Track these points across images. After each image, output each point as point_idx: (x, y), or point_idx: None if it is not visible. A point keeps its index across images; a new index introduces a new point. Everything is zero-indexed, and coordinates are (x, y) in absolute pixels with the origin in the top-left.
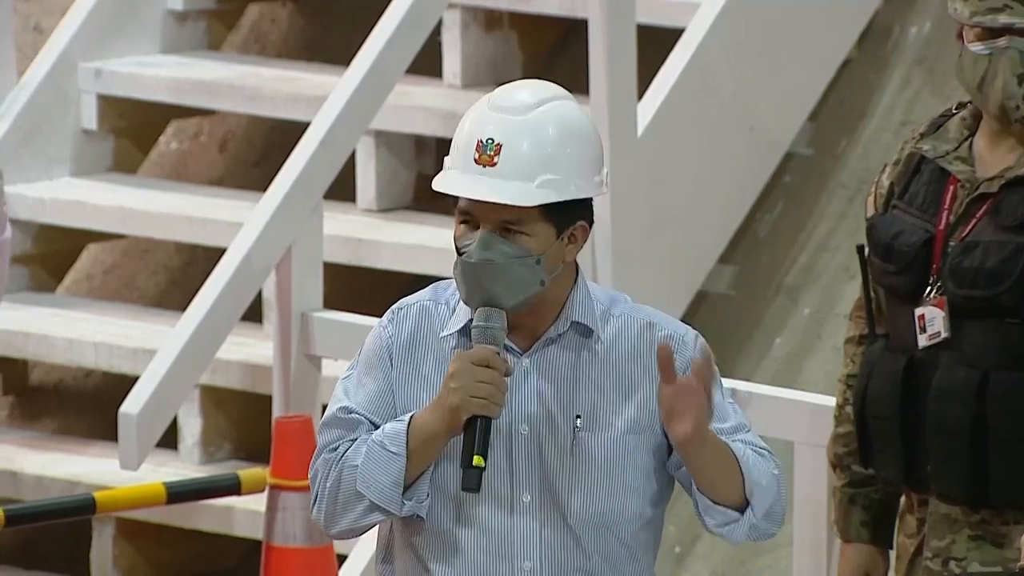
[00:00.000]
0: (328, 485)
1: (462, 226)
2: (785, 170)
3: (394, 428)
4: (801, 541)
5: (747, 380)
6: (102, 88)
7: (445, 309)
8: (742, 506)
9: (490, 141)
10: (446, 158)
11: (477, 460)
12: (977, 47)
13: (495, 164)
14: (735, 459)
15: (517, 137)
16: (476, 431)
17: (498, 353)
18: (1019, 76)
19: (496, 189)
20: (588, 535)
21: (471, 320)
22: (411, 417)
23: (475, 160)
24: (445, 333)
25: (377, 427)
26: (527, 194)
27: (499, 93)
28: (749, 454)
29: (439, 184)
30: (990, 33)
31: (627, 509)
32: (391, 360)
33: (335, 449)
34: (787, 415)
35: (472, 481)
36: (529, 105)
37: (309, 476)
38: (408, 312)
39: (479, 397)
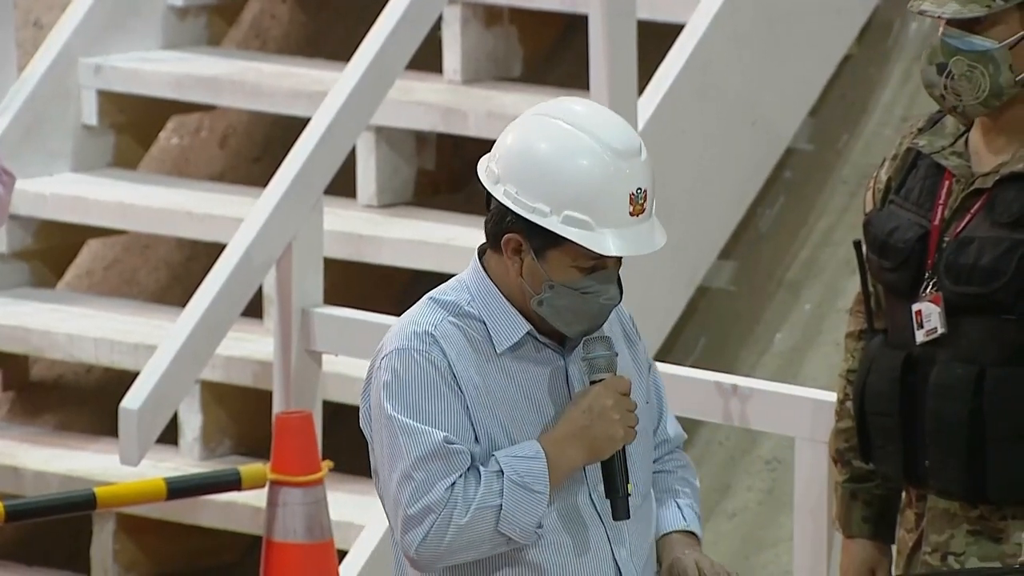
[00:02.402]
0: (461, 523)
1: (576, 269)
2: (786, 165)
3: (533, 466)
4: (802, 536)
5: (748, 375)
6: (102, 84)
7: (477, 324)
8: None
9: (640, 191)
10: (574, 213)
11: (631, 488)
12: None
13: (644, 211)
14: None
15: (650, 179)
16: (620, 459)
17: None
18: (938, 66)
19: (657, 235)
20: (646, 509)
21: (529, 333)
22: (544, 451)
23: (630, 213)
24: (501, 349)
25: (470, 454)
26: (660, 225)
27: (608, 137)
28: (694, 510)
29: (606, 248)
30: (942, 23)
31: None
32: (458, 382)
33: (451, 486)
34: (788, 410)
35: (624, 510)
36: (639, 141)
37: (411, 512)
38: (445, 332)
39: (632, 427)
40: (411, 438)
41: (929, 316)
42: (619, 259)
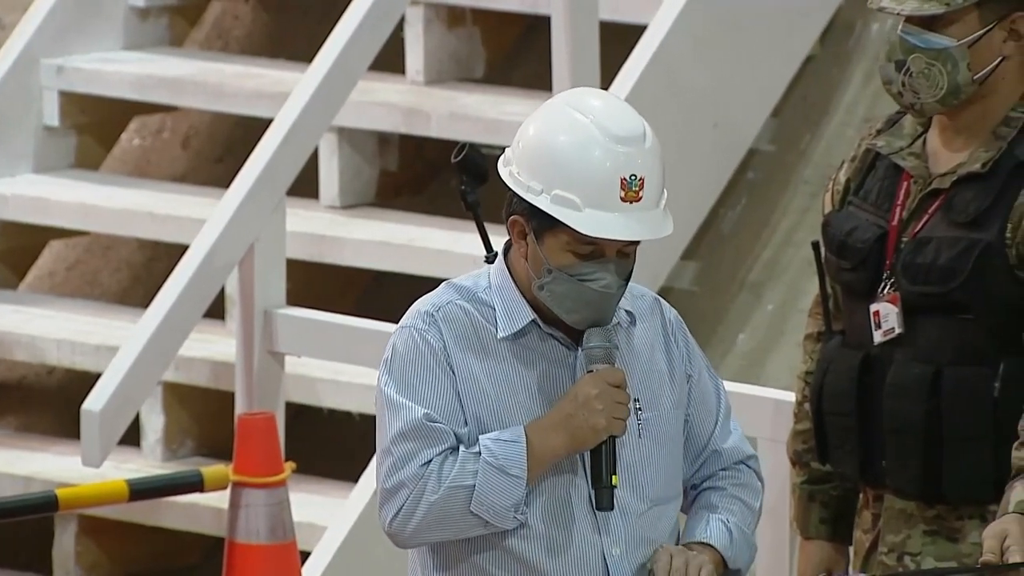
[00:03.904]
0: (432, 500)
1: (572, 254)
2: (748, 166)
3: (511, 449)
4: (763, 538)
5: None
6: (64, 84)
7: (486, 309)
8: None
9: (634, 177)
10: (563, 192)
11: (616, 480)
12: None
13: (640, 199)
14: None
15: (652, 168)
16: (607, 450)
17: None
18: (897, 63)
19: (654, 225)
20: (660, 514)
21: (534, 322)
22: (525, 436)
23: (621, 198)
24: (503, 335)
25: (455, 434)
26: (668, 221)
27: (609, 122)
28: (733, 533)
29: (593, 229)
30: (901, 20)
31: (680, 483)
32: (451, 364)
33: (427, 463)
34: (750, 411)
35: (608, 500)
36: (644, 130)
37: (387, 486)
38: (448, 314)
39: (620, 418)
40: (394, 413)
41: (887, 316)
42: (623, 249)
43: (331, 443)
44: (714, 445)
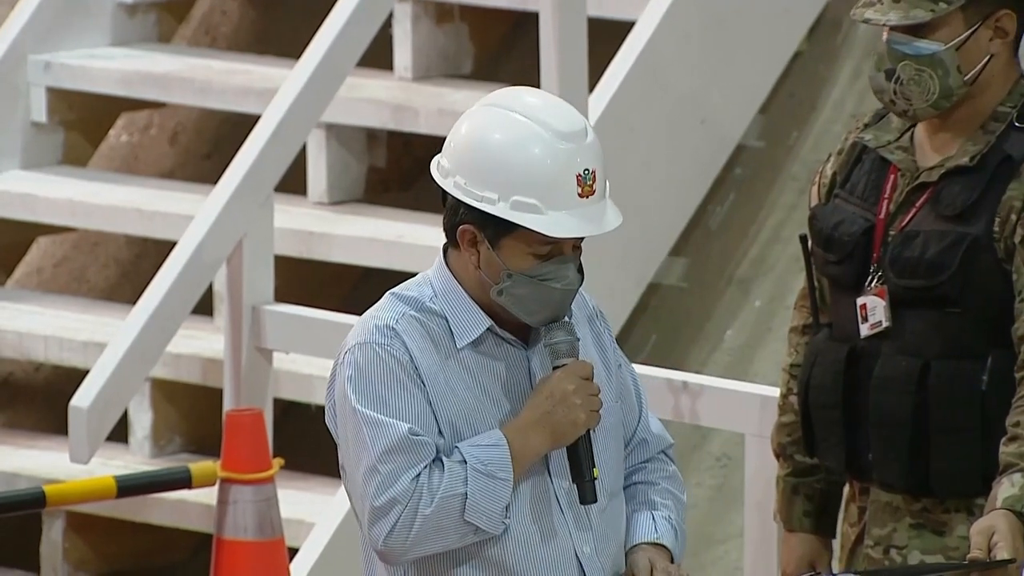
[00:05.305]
0: (427, 513)
1: (532, 256)
2: (736, 162)
3: (495, 453)
4: (751, 532)
5: (698, 372)
6: (52, 81)
7: (438, 319)
8: None
9: (587, 172)
10: (521, 198)
11: (596, 472)
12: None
13: (594, 191)
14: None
15: (598, 159)
16: (585, 443)
17: None
18: (887, 72)
19: (610, 216)
20: (616, 506)
21: (489, 329)
22: (506, 438)
23: (579, 194)
24: (462, 344)
25: (434, 445)
26: (615, 208)
27: (551, 120)
28: (677, 530)
29: (560, 231)
30: (887, 28)
31: (623, 476)
32: (420, 375)
33: (416, 477)
34: (738, 407)
35: (591, 494)
36: (584, 123)
37: (377, 504)
38: (407, 327)
39: (595, 410)
40: (376, 430)
41: (874, 309)
42: (577, 244)
43: (319, 439)
44: (642, 433)
